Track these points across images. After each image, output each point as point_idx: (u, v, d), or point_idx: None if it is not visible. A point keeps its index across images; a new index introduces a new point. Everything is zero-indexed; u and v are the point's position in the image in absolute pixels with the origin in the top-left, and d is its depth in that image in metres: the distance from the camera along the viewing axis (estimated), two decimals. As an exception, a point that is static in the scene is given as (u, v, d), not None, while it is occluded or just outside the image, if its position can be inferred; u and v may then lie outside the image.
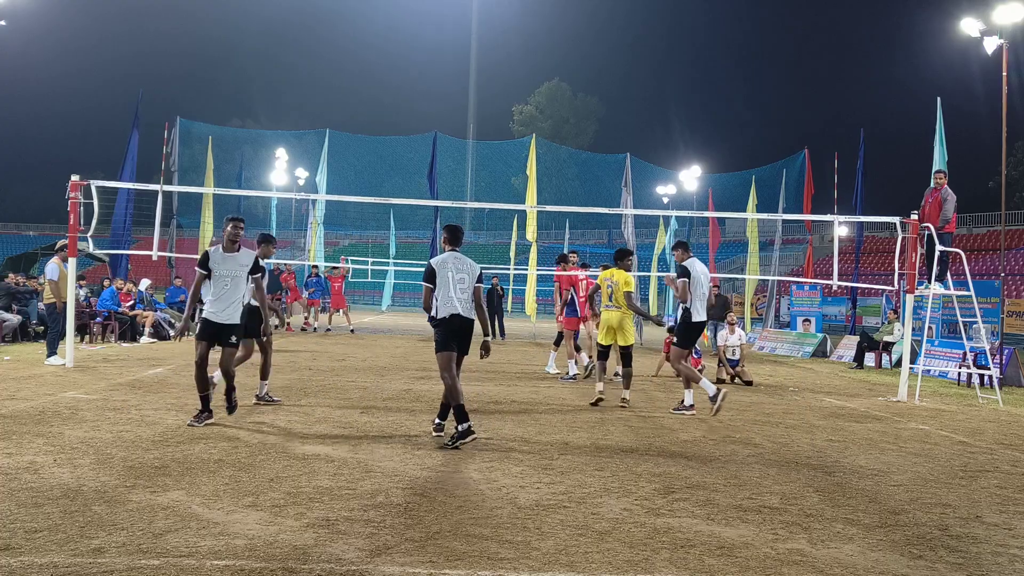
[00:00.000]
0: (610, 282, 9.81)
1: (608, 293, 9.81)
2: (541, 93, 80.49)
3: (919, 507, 5.26)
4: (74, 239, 11.79)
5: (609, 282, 9.83)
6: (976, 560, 4.21)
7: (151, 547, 3.88)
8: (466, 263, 7.07)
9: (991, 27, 16.24)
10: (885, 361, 17.43)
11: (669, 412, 9.17)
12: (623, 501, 5.08)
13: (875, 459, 6.84)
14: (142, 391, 9.16)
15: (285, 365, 12.57)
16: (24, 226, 68.21)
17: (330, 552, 3.90)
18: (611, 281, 9.80)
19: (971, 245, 46.98)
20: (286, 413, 7.96)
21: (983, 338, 14.04)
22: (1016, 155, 56.66)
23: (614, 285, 9.75)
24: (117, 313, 16.65)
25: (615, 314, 9.72)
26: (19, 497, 4.61)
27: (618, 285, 9.72)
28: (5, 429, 6.54)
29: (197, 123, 28.61)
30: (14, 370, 10.83)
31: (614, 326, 9.72)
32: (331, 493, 4.98)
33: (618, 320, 9.71)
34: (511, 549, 4.07)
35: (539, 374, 13.16)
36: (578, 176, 44.79)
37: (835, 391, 12.55)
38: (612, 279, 9.80)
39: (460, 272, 6.96)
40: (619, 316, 9.71)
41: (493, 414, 8.52)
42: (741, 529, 4.58)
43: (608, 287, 9.82)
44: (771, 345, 22.92)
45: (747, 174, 30.51)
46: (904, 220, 11.84)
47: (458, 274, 6.94)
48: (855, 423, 8.99)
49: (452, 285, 6.91)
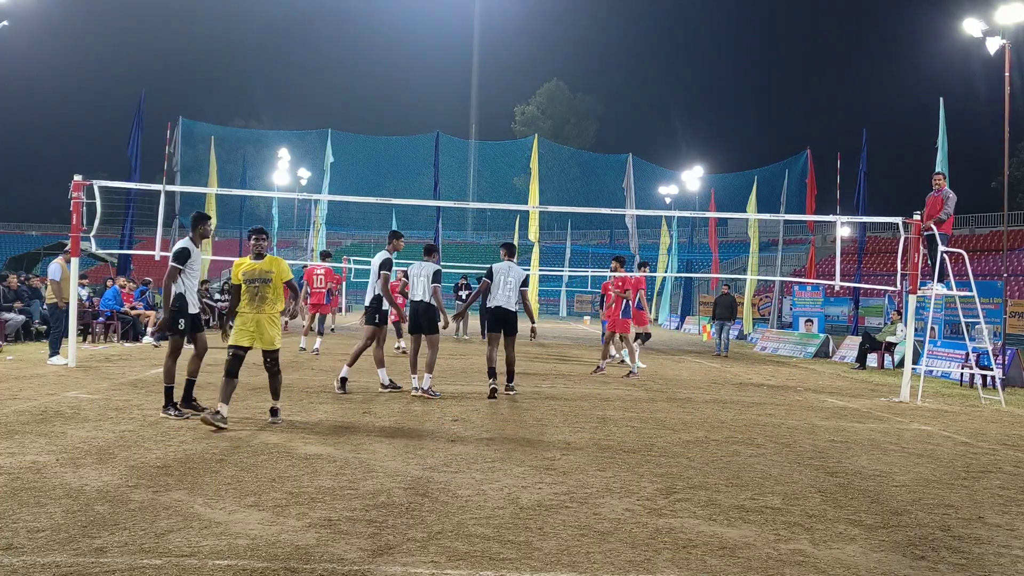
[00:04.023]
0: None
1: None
2: (542, 93, 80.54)
3: (921, 508, 5.25)
4: (76, 239, 11.82)
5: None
6: (978, 561, 4.20)
7: (153, 547, 3.88)
8: (515, 270, 10.18)
9: (993, 27, 16.22)
10: (887, 362, 17.40)
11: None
12: (625, 501, 5.08)
13: (877, 460, 6.84)
14: (144, 391, 9.17)
15: (286, 365, 12.58)
16: (26, 226, 68.31)
17: (332, 552, 3.91)
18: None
19: (973, 246, 46.93)
20: (287, 413, 7.96)
21: (986, 339, 14.02)
22: (1018, 155, 56.58)
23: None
24: (119, 313, 16.68)
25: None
26: (21, 497, 4.62)
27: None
28: (8, 429, 6.55)
29: (199, 123, 28.70)
30: (17, 370, 10.85)
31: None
32: (333, 493, 4.99)
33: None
34: (513, 549, 4.07)
35: (540, 374, 13.16)
36: (580, 176, 44.82)
37: (837, 392, 12.54)
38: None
39: (509, 276, 10.10)
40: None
41: (494, 414, 8.53)
42: (743, 529, 4.57)
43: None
44: (773, 345, 22.91)
45: (749, 174, 30.54)
46: (907, 220, 11.83)
47: (508, 277, 10.10)
48: (857, 424, 8.98)
49: (503, 285, 10.06)
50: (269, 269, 7.33)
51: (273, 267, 7.36)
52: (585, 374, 13.51)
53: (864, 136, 23.58)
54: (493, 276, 10.16)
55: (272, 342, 7.32)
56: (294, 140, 38.24)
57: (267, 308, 7.27)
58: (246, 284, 7.31)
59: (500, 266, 10.22)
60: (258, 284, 7.27)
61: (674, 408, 9.65)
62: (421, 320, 9.66)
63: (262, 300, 7.26)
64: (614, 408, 9.38)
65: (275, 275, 7.32)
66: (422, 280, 9.63)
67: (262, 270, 7.31)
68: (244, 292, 7.33)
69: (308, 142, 36.16)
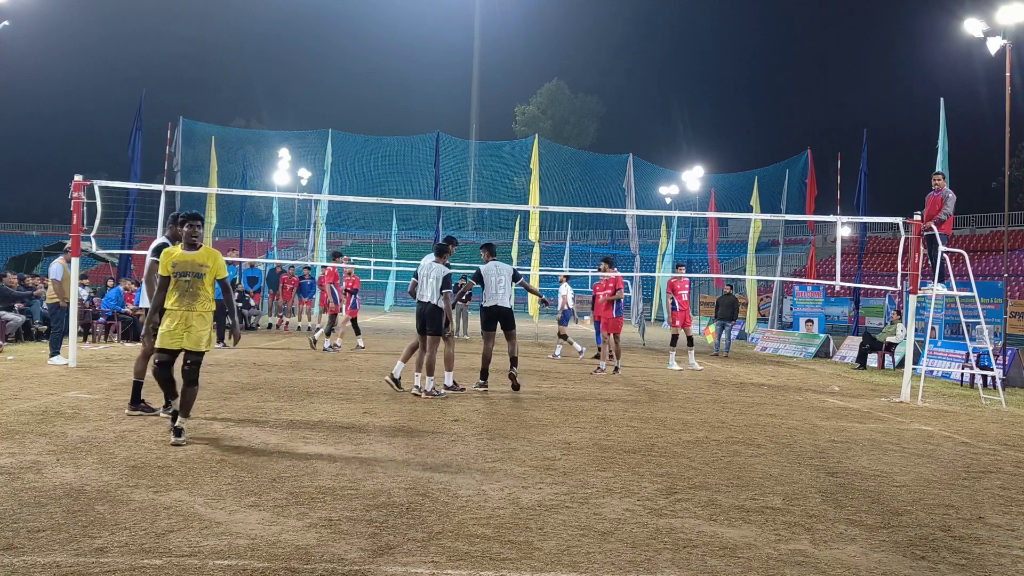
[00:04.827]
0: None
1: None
2: (543, 93, 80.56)
3: (922, 508, 5.25)
4: (77, 239, 11.82)
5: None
6: (979, 561, 4.20)
7: (154, 547, 3.88)
8: (503, 268, 10.57)
9: (994, 27, 16.23)
10: (888, 362, 17.40)
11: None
12: (625, 501, 5.08)
13: (878, 460, 6.84)
14: (145, 391, 9.15)
15: (287, 365, 12.60)
16: (27, 226, 68.37)
17: (332, 552, 3.91)
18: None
19: (974, 246, 46.91)
20: (288, 413, 7.96)
21: (986, 339, 14.03)
22: (1019, 156, 56.56)
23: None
24: (120, 313, 16.68)
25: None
26: (22, 496, 4.62)
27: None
28: (8, 428, 6.56)
29: (200, 123, 28.69)
30: (17, 369, 10.86)
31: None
32: (333, 493, 4.99)
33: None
34: (513, 549, 4.07)
35: (540, 374, 13.16)
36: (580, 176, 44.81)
37: (838, 392, 12.53)
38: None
39: (500, 275, 10.47)
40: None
41: (495, 414, 8.53)
42: (743, 530, 4.57)
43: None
44: (774, 346, 22.91)
45: (750, 174, 30.51)
46: (907, 220, 11.83)
47: (498, 277, 10.45)
48: (858, 424, 8.98)
49: (496, 285, 10.46)
50: (204, 263, 6.54)
51: (209, 260, 6.57)
52: (585, 374, 13.52)
53: (865, 136, 23.58)
54: (484, 279, 10.52)
55: (199, 342, 6.43)
56: (294, 140, 38.23)
57: (199, 306, 6.47)
58: (176, 278, 6.48)
59: (488, 268, 10.55)
60: (190, 278, 6.47)
61: (675, 408, 9.65)
62: (426, 321, 9.67)
63: (193, 297, 6.46)
64: (614, 408, 9.38)
65: (210, 270, 6.55)
66: (431, 282, 9.60)
67: (195, 262, 6.52)
68: (173, 286, 6.49)
69: (308, 142, 36.15)
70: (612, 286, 14.08)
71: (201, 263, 6.51)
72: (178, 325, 6.38)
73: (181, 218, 6.80)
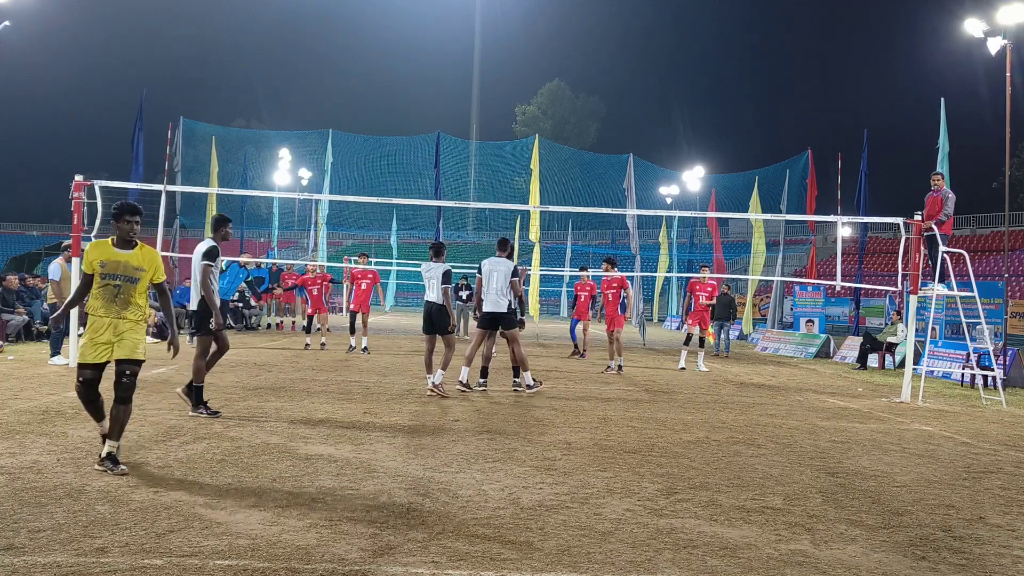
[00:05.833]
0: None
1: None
2: (543, 93, 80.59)
3: (922, 508, 5.25)
4: (77, 239, 11.83)
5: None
6: (979, 561, 4.20)
7: (154, 547, 3.89)
8: (502, 264, 10.32)
9: (995, 28, 16.23)
10: (888, 362, 17.40)
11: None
12: (626, 502, 5.08)
13: (878, 460, 6.83)
14: (145, 391, 9.16)
15: (287, 364, 12.60)
16: (28, 226, 68.38)
17: (333, 552, 3.91)
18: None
19: (974, 246, 46.91)
20: (288, 413, 7.96)
21: (987, 339, 14.02)
22: (1020, 156, 56.57)
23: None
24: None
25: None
26: (22, 496, 4.62)
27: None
28: (9, 428, 6.56)
29: (201, 123, 28.72)
30: (18, 369, 10.86)
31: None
32: (334, 493, 4.99)
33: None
34: (514, 549, 4.07)
35: (540, 374, 13.14)
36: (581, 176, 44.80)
37: (838, 392, 12.53)
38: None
39: (496, 271, 10.23)
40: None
41: (495, 414, 8.53)
42: (744, 530, 4.57)
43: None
44: (774, 346, 22.90)
45: (750, 175, 30.52)
46: (908, 220, 11.82)
47: (495, 273, 10.22)
48: (858, 424, 8.98)
49: (492, 281, 10.26)
50: (139, 265, 5.54)
51: (145, 263, 5.57)
52: (585, 373, 13.52)
53: (865, 136, 23.58)
54: (481, 274, 10.42)
55: (134, 349, 5.45)
56: (295, 140, 38.28)
57: (129, 314, 5.47)
58: (104, 279, 5.45)
59: (486, 262, 10.47)
60: (120, 282, 5.45)
61: (675, 408, 9.65)
62: (433, 320, 9.85)
63: (124, 305, 5.46)
64: (615, 408, 9.38)
65: (145, 274, 5.57)
66: (433, 282, 9.87)
67: (129, 264, 5.50)
68: (98, 289, 5.45)
69: (309, 142, 36.17)
70: (618, 284, 14.51)
71: (136, 265, 5.52)
72: (106, 334, 5.40)
73: (115, 209, 5.62)
